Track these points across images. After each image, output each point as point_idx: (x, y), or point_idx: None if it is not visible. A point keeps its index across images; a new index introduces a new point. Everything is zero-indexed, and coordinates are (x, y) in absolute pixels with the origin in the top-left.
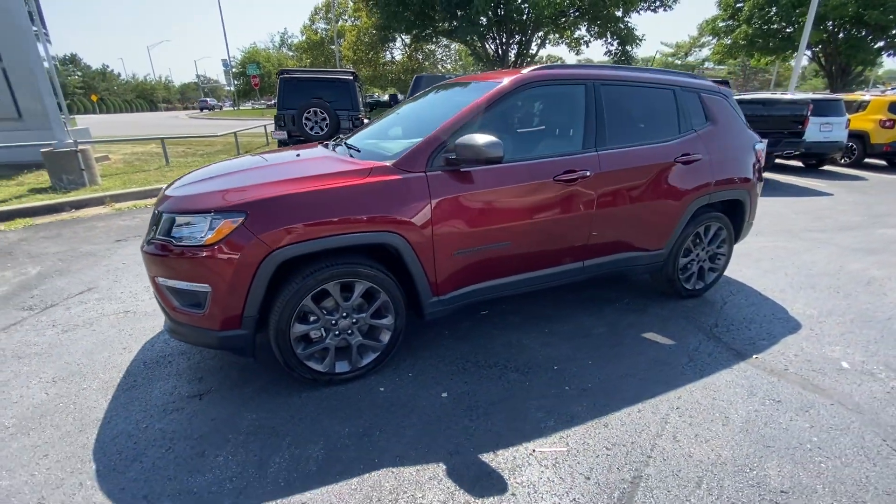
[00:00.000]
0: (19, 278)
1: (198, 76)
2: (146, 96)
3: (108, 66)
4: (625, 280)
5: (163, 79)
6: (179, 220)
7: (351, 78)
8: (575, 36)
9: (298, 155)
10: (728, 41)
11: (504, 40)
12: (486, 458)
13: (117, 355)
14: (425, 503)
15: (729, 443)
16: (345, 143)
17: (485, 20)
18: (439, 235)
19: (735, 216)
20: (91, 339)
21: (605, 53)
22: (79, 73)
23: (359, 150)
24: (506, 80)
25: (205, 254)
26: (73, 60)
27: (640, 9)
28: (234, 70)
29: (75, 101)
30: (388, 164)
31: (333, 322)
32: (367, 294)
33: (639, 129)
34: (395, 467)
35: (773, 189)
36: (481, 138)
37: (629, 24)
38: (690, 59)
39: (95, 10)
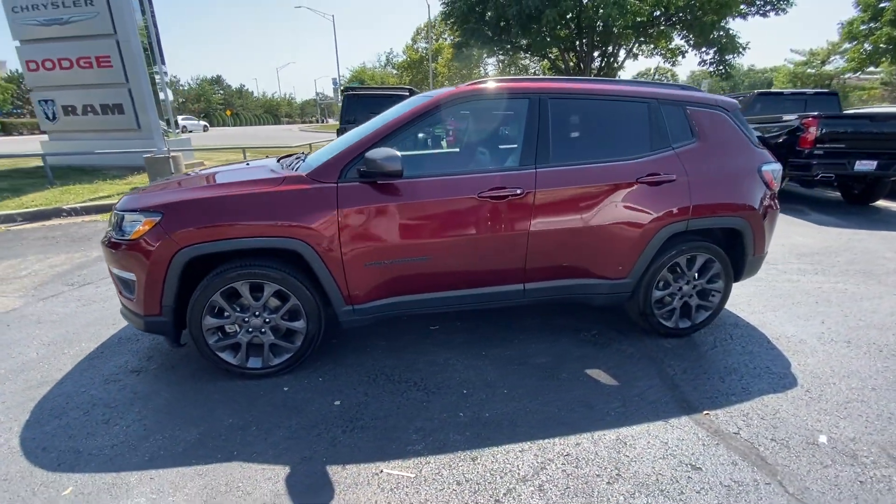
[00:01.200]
0: (80, 260)
1: (317, 94)
2: (272, 111)
3: (244, 86)
4: (606, 311)
5: (287, 96)
6: (128, 217)
7: (408, 94)
8: (671, 46)
9: (248, 164)
10: (868, 47)
11: (586, 52)
12: (332, 469)
13: (105, 329)
14: (250, 500)
15: None
16: (299, 155)
17: (565, 33)
18: (347, 245)
19: (734, 248)
20: (96, 314)
21: (700, 63)
22: (221, 91)
23: (304, 161)
24: (438, 94)
25: (131, 247)
26: (217, 81)
27: (747, 13)
28: (341, 88)
29: (216, 115)
30: (303, 174)
31: (245, 319)
32: (282, 297)
33: (595, 145)
34: (245, 462)
35: (878, 221)
36: (381, 152)
37: (730, 31)
38: (829, 67)
39: (239, 37)
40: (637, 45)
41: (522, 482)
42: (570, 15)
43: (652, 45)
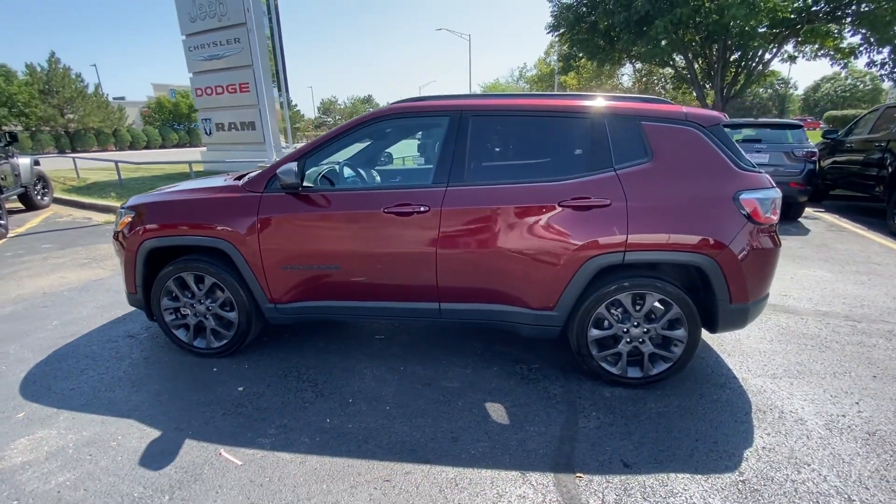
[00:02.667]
0: None
1: None
2: None
3: (389, 103)
4: (565, 348)
5: None
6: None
7: None
8: (841, 46)
9: (227, 173)
10: None
11: (716, 58)
12: (188, 443)
13: None
14: (120, 452)
15: None
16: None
17: (689, 37)
18: (266, 248)
19: (706, 291)
20: None
21: (867, 65)
22: (370, 109)
23: None
24: (364, 114)
25: (120, 237)
26: (368, 100)
27: None
28: None
29: None
30: (239, 184)
31: (193, 305)
32: (222, 289)
33: (521, 165)
34: (136, 421)
35: None
36: (285, 167)
37: None
38: None
39: (390, 59)
40: (794, 45)
41: (316, 496)
42: (698, 18)
43: (816, 45)
